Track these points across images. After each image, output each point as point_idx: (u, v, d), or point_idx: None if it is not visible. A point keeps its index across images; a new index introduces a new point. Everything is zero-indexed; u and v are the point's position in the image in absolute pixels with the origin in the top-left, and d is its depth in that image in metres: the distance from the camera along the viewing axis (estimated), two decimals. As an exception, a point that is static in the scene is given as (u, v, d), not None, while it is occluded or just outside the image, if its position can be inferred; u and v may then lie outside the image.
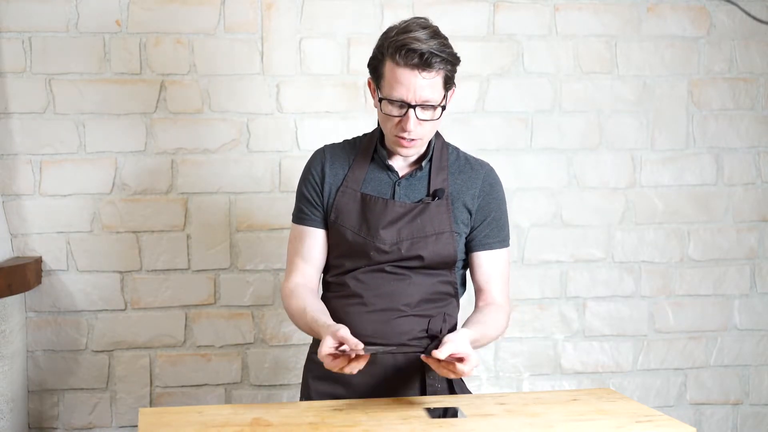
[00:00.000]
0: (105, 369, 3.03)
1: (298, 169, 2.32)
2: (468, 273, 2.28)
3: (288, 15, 3.05)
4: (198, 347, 3.07)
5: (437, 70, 2.04)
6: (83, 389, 3.02)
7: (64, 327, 3.00)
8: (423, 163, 2.19)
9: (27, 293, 2.95)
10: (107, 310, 3.02)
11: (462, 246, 2.20)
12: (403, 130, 2.08)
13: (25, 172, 2.95)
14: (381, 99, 2.09)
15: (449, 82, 2.09)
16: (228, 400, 3.08)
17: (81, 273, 3.00)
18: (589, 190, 3.25)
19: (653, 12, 3.25)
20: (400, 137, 2.10)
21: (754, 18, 2.30)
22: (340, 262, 2.21)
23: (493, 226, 2.22)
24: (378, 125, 2.21)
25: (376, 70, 2.11)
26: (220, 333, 3.07)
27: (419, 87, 2.04)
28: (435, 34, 2.05)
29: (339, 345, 1.96)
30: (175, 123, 3.01)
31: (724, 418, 3.37)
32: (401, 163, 2.21)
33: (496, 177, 2.25)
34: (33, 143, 2.95)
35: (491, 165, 2.27)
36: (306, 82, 3.07)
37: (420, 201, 2.17)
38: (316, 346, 2.24)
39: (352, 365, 1.94)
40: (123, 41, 2.97)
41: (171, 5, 2.99)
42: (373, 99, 2.15)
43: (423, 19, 2.09)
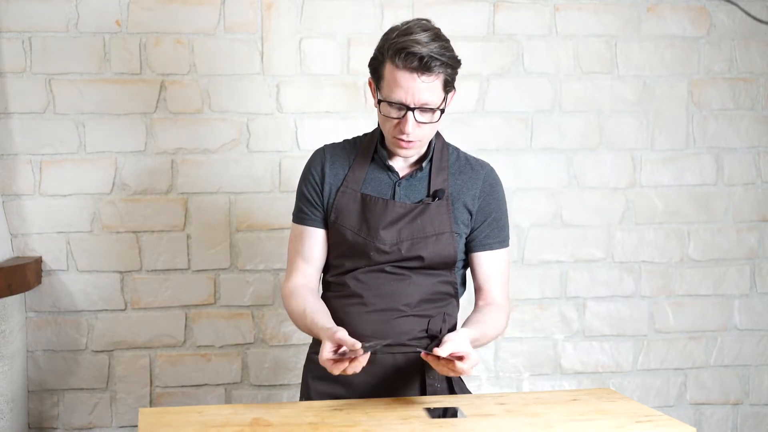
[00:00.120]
0: (105, 369, 3.03)
1: (298, 169, 2.32)
2: (468, 273, 2.28)
3: (288, 15, 3.05)
4: (198, 347, 3.07)
5: (437, 73, 2.04)
6: (83, 389, 3.02)
7: (64, 327, 3.00)
8: (423, 164, 2.19)
9: (27, 293, 2.95)
10: (107, 310, 3.02)
11: (462, 246, 2.20)
12: (402, 132, 2.08)
13: (25, 172, 2.95)
14: (380, 100, 2.09)
15: (449, 85, 2.09)
16: (228, 400, 3.08)
17: (81, 273, 3.00)
18: (589, 190, 3.25)
19: (653, 12, 3.25)
20: (398, 138, 2.10)
21: (754, 18, 2.30)
22: (340, 262, 2.21)
23: (494, 226, 2.22)
24: (378, 125, 2.21)
25: (376, 70, 2.10)
26: (220, 333, 3.07)
27: (418, 90, 2.03)
28: (436, 36, 2.04)
29: (338, 348, 1.96)
30: (175, 123, 3.01)
31: (724, 418, 3.37)
32: (401, 164, 2.21)
33: (496, 177, 2.25)
34: (33, 143, 2.95)
35: (491, 165, 2.27)
36: (306, 82, 3.07)
37: (420, 201, 2.17)
38: (315, 346, 2.24)
39: (354, 364, 1.94)
40: (123, 41, 2.97)
41: (171, 5, 2.99)
42: (374, 99, 2.14)
43: (425, 21, 2.08)
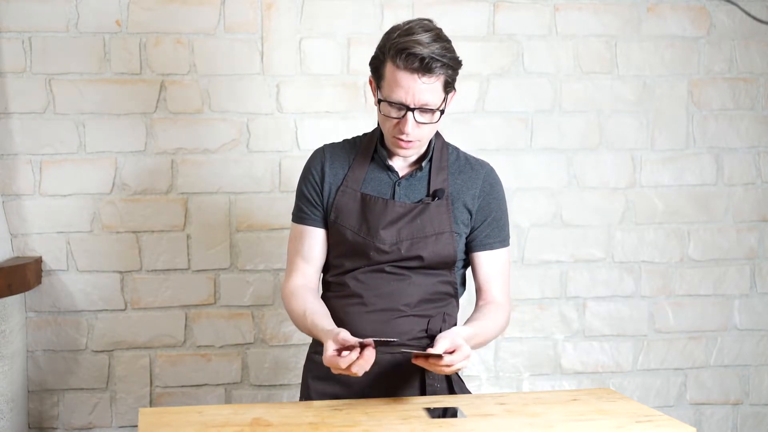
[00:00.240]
0: (105, 369, 3.03)
1: (298, 169, 2.32)
2: (468, 273, 2.28)
3: (288, 15, 3.05)
4: (198, 347, 3.07)
5: (438, 74, 2.03)
6: (83, 389, 3.02)
7: (64, 327, 3.00)
8: (423, 164, 2.19)
9: (27, 293, 2.95)
10: (107, 310, 3.02)
11: (462, 246, 2.20)
12: (401, 132, 2.08)
13: (25, 172, 2.95)
14: (381, 100, 2.09)
15: (449, 86, 2.08)
16: (228, 400, 3.08)
17: (81, 273, 3.00)
18: (589, 190, 3.25)
19: (653, 12, 3.25)
20: (398, 138, 2.10)
21: (754, 18, 2.30)
22: (339, 261, 2.21)
23: (494, 226, 2.22)
24: (378, 125, 2.21)
25: (377, 70, 2.10)
26: (220, 333, 3.07)
27: (418, 91, 2.03)
28: (438, 37, 2.04)
29: (341, 349, 1.96)
30: (175, 123, 3.01)
31: (724, 418, 3.37)
32: (401, 163, 2.21)
33: (496, 177, 2.25)
34: (33, 143, 2.95)
35: (491, 165, 2.27)
36: (306, 82, 3.07)
37: (420, 201, 2.17)
38: (316, 346, 2.25)
39: (360, 362, 1.92)
40: (123, 41, 2.97)
41: (171, 5, 2.99)
42: (374, 97, 2.14)
43: (427, 21, 2.08)
